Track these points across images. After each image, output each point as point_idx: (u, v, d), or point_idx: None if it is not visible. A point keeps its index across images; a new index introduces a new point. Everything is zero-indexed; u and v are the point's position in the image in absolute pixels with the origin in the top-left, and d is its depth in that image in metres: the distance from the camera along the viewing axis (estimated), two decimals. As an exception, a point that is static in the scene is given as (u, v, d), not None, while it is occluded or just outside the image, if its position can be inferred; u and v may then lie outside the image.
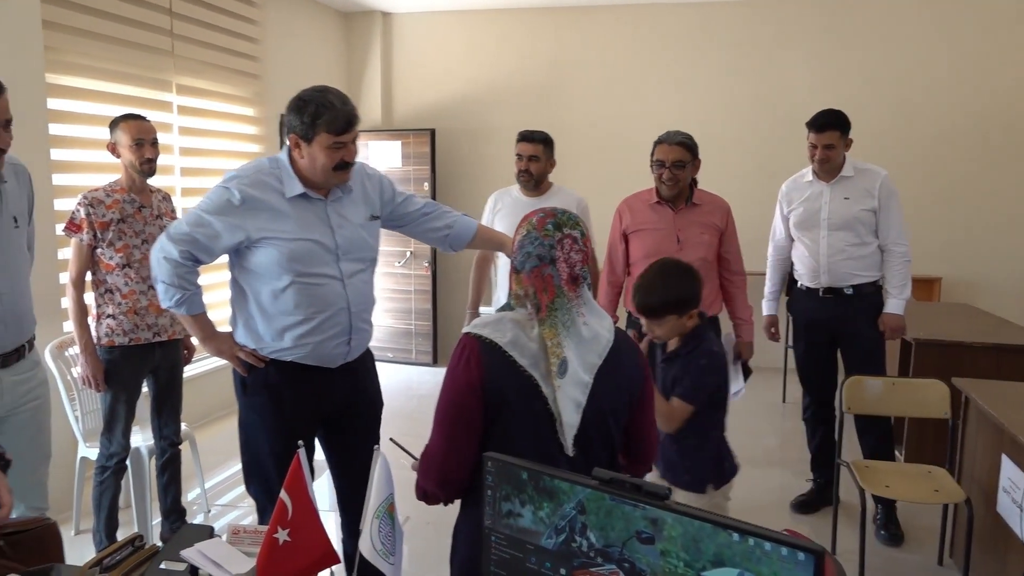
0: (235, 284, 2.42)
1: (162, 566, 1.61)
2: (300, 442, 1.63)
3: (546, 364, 1.60)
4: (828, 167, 3.57)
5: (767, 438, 5.03)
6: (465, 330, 1.68)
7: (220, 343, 2.44)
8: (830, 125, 3.50)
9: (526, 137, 3.78)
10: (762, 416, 5.42)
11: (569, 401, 1.61)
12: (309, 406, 2.45)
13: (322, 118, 2.23)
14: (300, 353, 2.37)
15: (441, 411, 1.67)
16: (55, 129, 3.89)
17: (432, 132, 6.82)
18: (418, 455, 1.83)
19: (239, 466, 4.47)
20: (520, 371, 1.60)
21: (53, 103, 3.87)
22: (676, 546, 1.15)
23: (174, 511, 3.47)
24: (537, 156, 3.74)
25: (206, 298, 2.46)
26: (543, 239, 1.65)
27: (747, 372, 3.42)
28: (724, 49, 6.57)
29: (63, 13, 3.97)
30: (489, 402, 1.61)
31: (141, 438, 3.46)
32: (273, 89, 5.92)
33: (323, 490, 3.91)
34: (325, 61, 6.80)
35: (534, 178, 3.76)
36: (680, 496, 2.35)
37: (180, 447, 3.48)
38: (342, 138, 2.26)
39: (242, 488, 4.27)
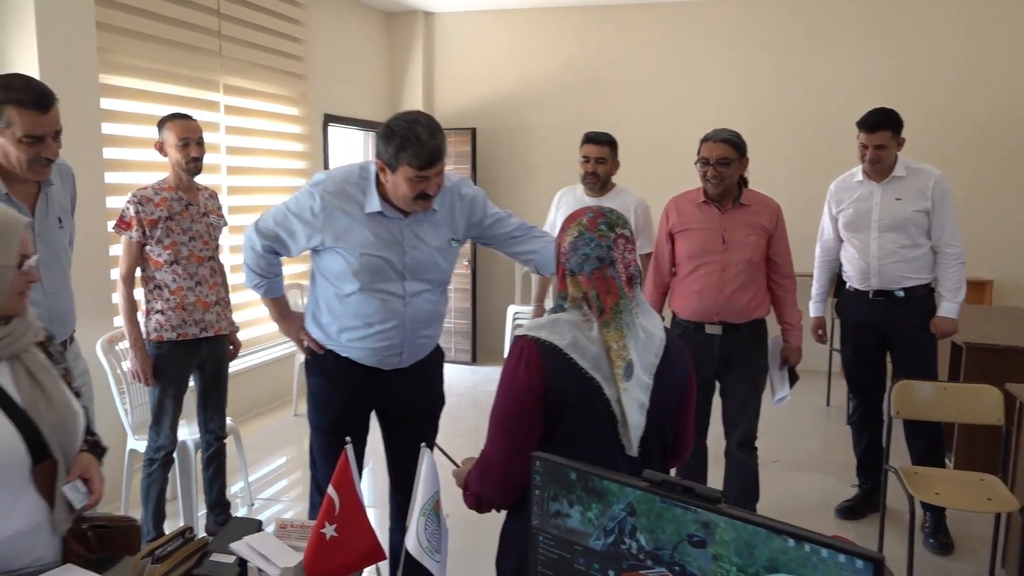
0: (313, 276, 2.53)
1: (212, 558, 1.64)
2: (348, 439, 1.65)
3: (609, 366, 1.58)
4: (879, 167, 3.48)
5: (810, 442, 4.95)
6: (520, 333, 1.65)
7: (290, 325, 2.63)
8: (882, 125, 3.41)
9: (592, 139, 3.71)
10: (805, 419, 5.33)
11: (634, 402, 1.59)
12: (360, 399, 2.54)
13: (406, 151, 2.19)
14: (354, 354, 2.45)
15: (500, 415, 1.64)
16: (107, 128, 3.98)
17: (473, 131, 6.84)
18: (459, 460, 1.81)
19: (282, 460, 4.58)
20: (582, 374, 1.57)
21: (105, 103, 3.96)
22: (729, 551, 1.13)
23: (219, 503, 3.53)
24: (604, 158, 3.70)
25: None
26: (599, 240, 1.61)
27: (794, 378, 3.36)
28: (769, 46, 6.47)
29: (115, 15, 4.05)
30: (550, 404, 1.59)
31: (187, 432, 3.52)
32: (317, 88, 5.99)
33: (366, 486, 3.95)
34: (368, 61, 6.85)
35: (600, 180, 3.72)
36: None
37: (225, 441, 3.53)
38: (424, 172, 2.22)
39: (284, 482, 4.34)
